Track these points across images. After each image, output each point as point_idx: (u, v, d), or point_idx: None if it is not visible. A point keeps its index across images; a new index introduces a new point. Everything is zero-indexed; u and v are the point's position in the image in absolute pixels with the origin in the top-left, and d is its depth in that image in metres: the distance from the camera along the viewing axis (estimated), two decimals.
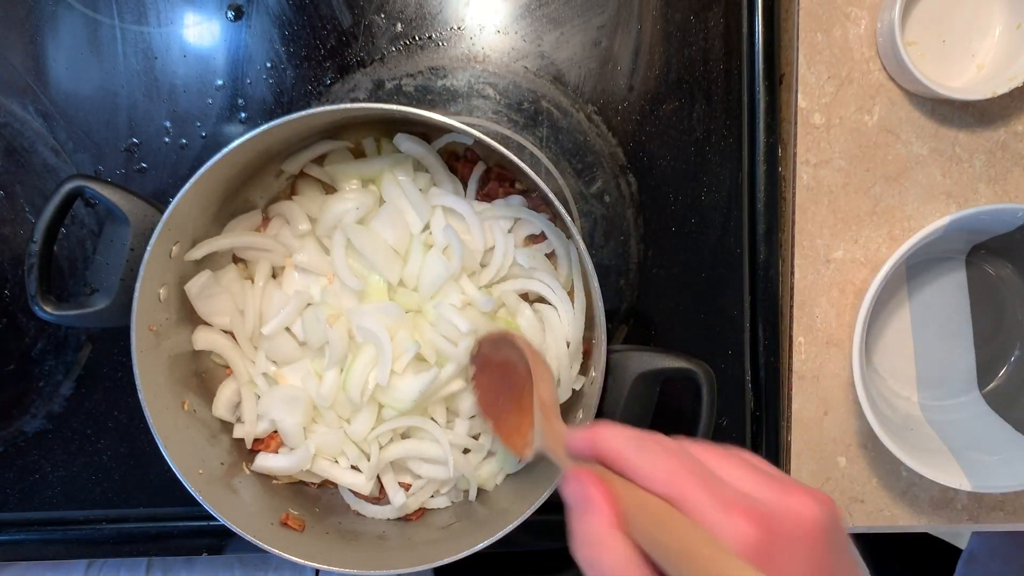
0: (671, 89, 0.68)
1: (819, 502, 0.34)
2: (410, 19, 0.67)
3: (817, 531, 0.34)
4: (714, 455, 0.37)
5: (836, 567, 0.34)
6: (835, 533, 0.35)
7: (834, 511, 0.35)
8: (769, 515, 0.33)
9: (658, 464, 0.35)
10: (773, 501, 0.34)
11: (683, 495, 0.34)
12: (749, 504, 0.33)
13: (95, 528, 0.70)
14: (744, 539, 0.32)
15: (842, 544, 0.35)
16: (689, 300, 0.69)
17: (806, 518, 0.34)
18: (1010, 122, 0.68)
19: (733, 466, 0.36)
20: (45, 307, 0.55)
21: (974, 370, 0.71)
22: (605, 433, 0.38)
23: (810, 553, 0.33)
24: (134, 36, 0.67)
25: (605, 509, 0.35)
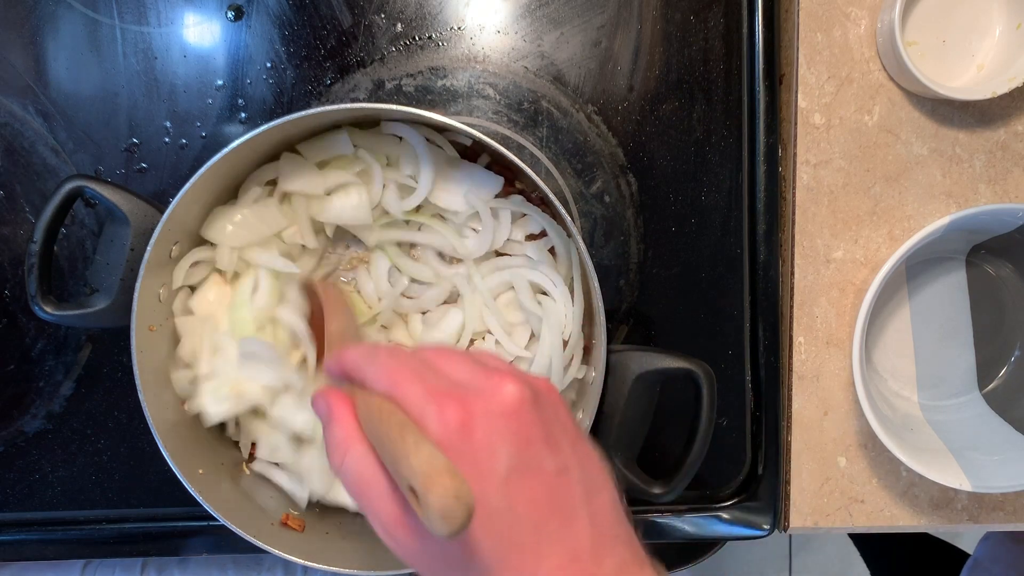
0: (671, 89, 0.68)
1: (518, 382, 0.38)
2: (410, 19, 0.67)
3: (513, 405, 0.37)
4: (439, 354, 0.41)
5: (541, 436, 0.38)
6: (538, 407, 0.38)
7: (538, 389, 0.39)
8: (469, 397, 0.37)
9: (382, 367, 0.39)
10: (478, 384, 0.38)
11: (399, 391, 0.38)
12: (453, 390, 0.38)
13: (95, 528, 0.70)
14: (445, 419, 0.36)
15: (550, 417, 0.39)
16: (689, 300, 0.69)
17: (503, 394, 0.38)
18: (1010, 122, 0.68)
19: (453, 361, 0.40)
20: (45, 307, 0.55)
21: (974, 370, 0.71)
22: (347, 350, 0.43)
23: (506, 424, 0.37)
24: (134, 36, 0.67)
25: (344, 417, 0.40)
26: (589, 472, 0.39)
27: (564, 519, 0.37)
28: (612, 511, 0.39)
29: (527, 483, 0.37)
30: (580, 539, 0.37)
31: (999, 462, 0.66)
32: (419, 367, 0.39)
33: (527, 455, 0.37)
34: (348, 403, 0.41)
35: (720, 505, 0.70)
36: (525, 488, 0.37)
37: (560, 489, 0.38)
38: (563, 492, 0.38)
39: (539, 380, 0.41)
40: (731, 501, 0.70)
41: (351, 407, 0.40)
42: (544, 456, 0.38)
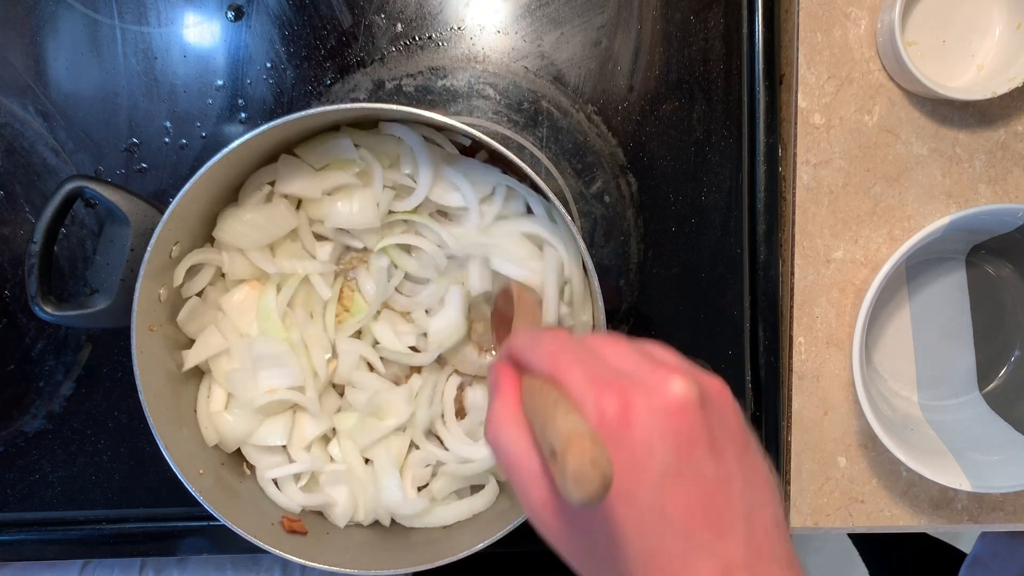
0: (671, 89, 0.68)
1: (686, 378, 0.36)
2: (410, 19, 0.67)
3: (678, 403, 0.35)
4: (605, 342, 0.39)
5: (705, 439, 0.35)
6: (705, 408, 0.36)
7: (707, 389, 0.37)
8: (631, 387, 0.35)
9: (546, 351, 0.39)
10: (642, 377, 0.36)
11: (560, 373, 0.37)
12: (616, 380, 0.36)
13: (95, 528, 0.70)
14: (603, 408, 0.35)
15: (717, 421, 0.36)
16: (689, 300, 0.69)
17: (669, 390, 0.35)
18: (1010, 122, 0.68)
19: (619, 351, 0.38)
20: (45, 308, 0.55)
21: (974, 370, 0.71)
22: (515, 337, 0.43)
23: (668, 422, 0.35)
24: (134, 36, 0.67)
25: (507, 394, 0.39)
26: (753, 485, 0.37)
27: (719, 531, 0.35)
28: (774, 530, 0.37)
29: (683, 487, 0.35)
30: (734, 554, 0.35)
31: (999, 462, 0.66)
32: (583, 353, 0.38)
33: (687, 458, 0.35)
34: (515, 381, 0.40)
35: None
36: (680, 492, 0.35)
37: (718, 498, 0.35)
38: (721, 502, 0.35)
39: (711, 379, 0.38)
40: None
41: (517, 386, 0.40)
42: (705, 461, 0.35)
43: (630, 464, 0.34)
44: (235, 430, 0.60)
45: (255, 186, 0.60)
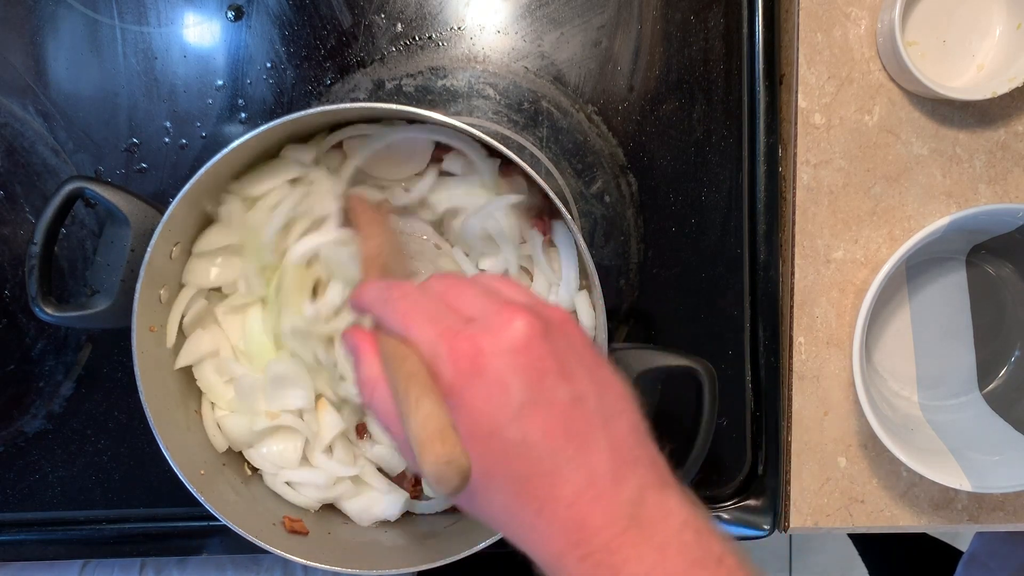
0: (671, 89, 0.68)
1: (528, 314, 0.38)
2: (410, 19, 0.67)
3: (523, 340, 0.38)
4: (451, 287, 0.42)
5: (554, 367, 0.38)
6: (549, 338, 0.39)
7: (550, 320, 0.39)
8: (479, 333, 0.38)
9: (396, 309, 0.41)
10: (489, 319, 0.39)
11: (411, 334, 0.39)
12: (464, 329, 0.38)
13: (95, 528, 0.70)
14: (456, 359, 0.37)
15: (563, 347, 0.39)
16: (689, 300, 0.69)
17: (513, 329, 0.38)
18: (1010, 122, 0.68)
19: (465, 295, 0.41)
20: (46, 309, 0.55)
21: (974, 370, 0.71)
22: (364, 288, 0.44)
23: (516, 359, 0.37)
24: (134, 36, 0.67)
25: (367, 357, 0.41)
26: (607, 398, 0.40)
27: (580, 445, 0.38)
28: (632, 434, 0.40)
29: (540, 414, 0.37)
30: (598, 463, 0.38)
31: (999, 462, 0.66)
32: (431, 306, 0.40)
33: (539, 387, 0.38)
34: (371, 341, 0.42)
35: (720, 505, 0.70)
36: (538, 419, 0.37)
37: (575, 417, 0.38)
38: (578, 420, 0.38)
39: (552, 309, 0.41)
40: (731, 501, 0.70)
41: (375, 346, 0.41)
42: (557, 387, 0.38)
43: (489, 404, 0.37)
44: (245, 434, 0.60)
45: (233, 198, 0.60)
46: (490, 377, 0.37)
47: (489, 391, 0.37)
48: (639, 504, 0.38)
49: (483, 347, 0.38)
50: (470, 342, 0.38)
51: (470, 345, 0.38)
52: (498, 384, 0.37)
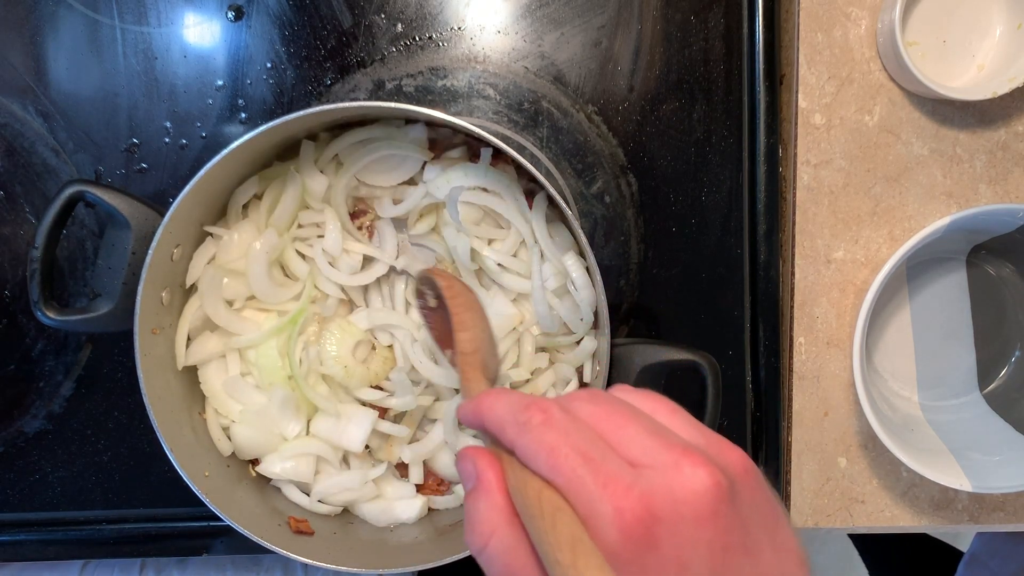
0: (671, 89, 0.68)
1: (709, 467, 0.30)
2: (410, 19, 0.67)
3: (708, 506, 0.30)
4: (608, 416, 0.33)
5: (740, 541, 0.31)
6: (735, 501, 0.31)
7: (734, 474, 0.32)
8: (651, 491, 0.30)
9: (540, 441, 0.32)
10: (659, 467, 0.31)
11: (562, 478, 0.31)
12: (633, 484, 0.30)
13: (95, 529, 0.70)
14: (624, 524, 0.29)
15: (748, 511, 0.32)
16: (690, 300, 0.69)
17: (695, 488, 0.30)
18: (1011, 122, 0.68)
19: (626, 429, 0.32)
20: (48, 313, 0.55)
21: (975, 370, 0.71)
22: (488, 403, 0.35)
23: (699, 532, 0.30)
24: (134, 36, 0.67)
25: (492, 491, 0.33)
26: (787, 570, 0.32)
27: None
28: None
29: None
30: None
31: (999, 462, 0.66)
32: (584, 441, 0.32)
33: (722, 568, 0.30)
34: (498, 471, 0.34)
35: None
36: None
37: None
38: None
39: (733, 455, 0.33)
40: None
41: (501, 477, 0.33)
42: (743, 567, 0.31)
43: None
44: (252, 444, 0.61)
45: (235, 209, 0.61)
46: (667, 552, 0.29)
47: (665, 569, 0.30)
48: None
49: (659, 513, 0.30)
50: (641, 502, 0.30)
51: (642, 506, 0.29)
52: (676, 562, 0.30)
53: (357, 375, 0.60)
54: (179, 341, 0.59)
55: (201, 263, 0.59)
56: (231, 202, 0.60)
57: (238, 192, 0.60)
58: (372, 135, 0.60)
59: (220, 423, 0.61)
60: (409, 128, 0.60)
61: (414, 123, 0.60)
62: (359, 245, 0.61)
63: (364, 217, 0.63)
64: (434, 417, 0.64)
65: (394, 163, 0.61)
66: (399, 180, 0.61)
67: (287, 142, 0.61)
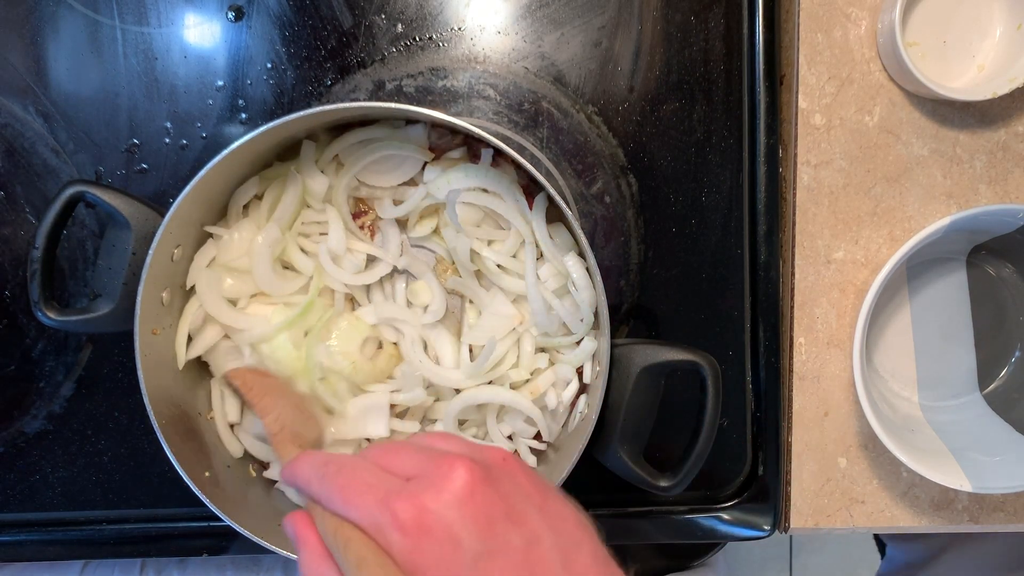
0: (671, 90, 0.68)
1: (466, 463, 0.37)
2: (411, 20, 0.67)
3: (465, 490, 0.36)
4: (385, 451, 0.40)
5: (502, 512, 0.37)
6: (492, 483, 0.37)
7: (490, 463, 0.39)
8: (420, 491, 0.37)
9: (333, 485, 0.39)
10: (427, 475, 0.37)
11: (351, 511, 0.37)
12: (403, 491, 0.37)
13: (95, 529, 0.70)
14: (401, 524, 0.36)
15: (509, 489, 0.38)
16: (690, 300, 0.69)
17: (453, 481, 0.37)
18: (1011, 123, 0.68)
19: (400, 455, 0.39)
20: (48, 313, 0.55)
21: (975, 371, 0.71)
22: (296, 466, 0.42)
23: (462, 511, 0.36)
24: (135, 37, 0.67)
25: (308, 543, 0.39)
26: (562, 533, 0.39)
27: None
28: (593, 566, 0.39)
29: (497, 563, 0.36)
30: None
31: (999, 463, 0.66)
32: (368, 475, 0.38)
33: (491, 535, 0.36)
34: (309, 525, 0.40)
35: (721, 505, 0.70)
36: (497, 569, 0.36)
37: (533, 560, 0.37)
38: (537, 563, 0.37)
39: (490, 451, 0.40)
40: (732, 502, 0.70)
41: (312, 529, 0.40)
42: (510, 532, 0.37)
43: (443, 562, 0.36)
44: None
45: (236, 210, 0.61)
46: (439, 534, 0.36)
47: (441, 549, 0.36)
48: None
49: (426, 504, 0.36)
50: (411, 502, 0.36)
51: (412, 505, 0.36)
52: (449, 540, 0.36)
53: (364, 371, 0.60)
54: (179, 340, 0.59)
55: (202, 265, 0.59)
56: (232, 202, 0.60)
57: (239, 192, 0.60)
58: (372, 135, 0.60)
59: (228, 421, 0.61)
60: (409, 128, 0.60)
61: (414, 123, 0.60)
62: (363, 244, 0.61)
63: (365, 217, 0.63)
64: (434, 417, 0.64)
65: (394, 163, 0.61)
66: (399, 180, 0.61)
67: (287, 142, 0.61)
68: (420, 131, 0.60)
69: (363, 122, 0.61)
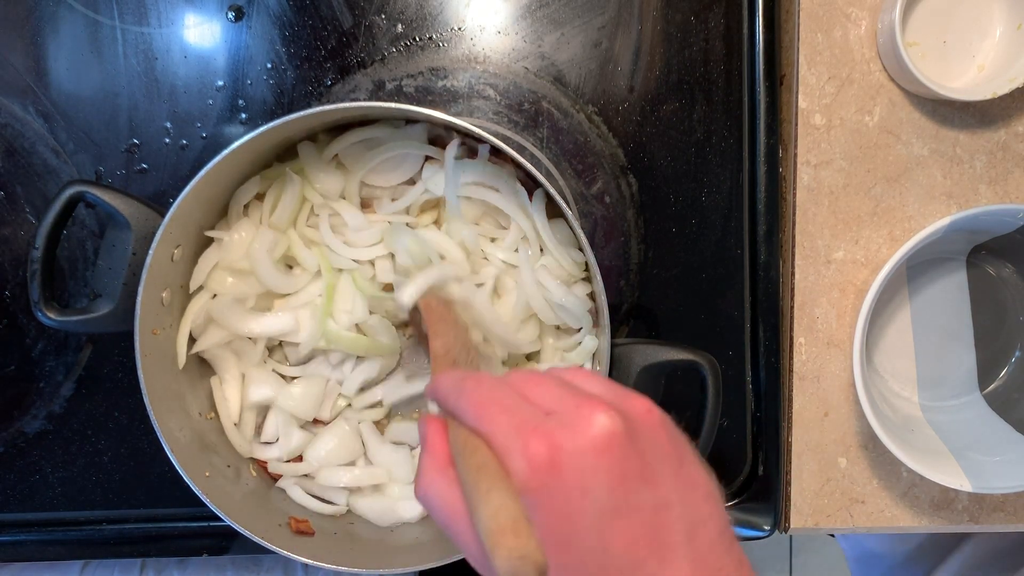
0: (671, 90, 0.68)
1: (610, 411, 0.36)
2: (411, 20, 0.67)
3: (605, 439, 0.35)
4: (528, 379, 0.39)
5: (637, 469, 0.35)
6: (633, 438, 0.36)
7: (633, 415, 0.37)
8: (557, 430, 0.35)
9: (469, 400, 0.38)
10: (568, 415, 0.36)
11: (484, 425, 0.37)
12: (541, 424, 0.36)
13: (95, 529, 0.70)
14: (531, 457, 0.34)
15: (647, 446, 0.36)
16: (690, 301, 0.69)
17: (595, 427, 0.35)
18: (1011, 123, 0.68)
19: (543, 387, 0.38)
20: (48, 313, 0.55)
21: (975, 371, 0.71)
22: (440, 378, 0.42)
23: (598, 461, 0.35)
24: (135, 37, 0.67)
25: (435, 447, 0.39)
26: (692, 503, 0.37)
27: (663, 558, 0.35)
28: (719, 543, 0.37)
29: (622, 523, 0.35)
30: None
31: (999, 463, 0.66)
32: (507, 398, 0.38)
33: (622, 493, 0.35)
34: (442, 432, 0.40)
35: None
36: (620, 528, 0.35)
37: (659, 526, 0.35)
38: (662, 529, 0.35)
39: (635, 402, 0.38)
40: (732, 501, 0.70)
41: (443, 437, 0.40)
42: (641, 492, 0.35)
43: (567, 509, 0.34)
44: None
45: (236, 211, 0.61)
46: (569, 479, 0.34)
47: (568, 494, 0.34)
48: None
49: (562, 444, 0.35)
50: (548, 438, 0.35)
51: (548, 442, 0.35)
52: (576, 487, 0.34)
53: None
54: (180, 340, 0.59)
55: (206, 268, 0.59)
56: (232, 202, 0.60)
57: (239, 192, 0.60)
58: (372, 135, 0.60)
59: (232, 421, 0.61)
60: (409, 128, 0.60)
61: (414, 123, 0.60)
62: (376, 216, 0.62)
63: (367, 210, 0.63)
64: None
65: (394, 163, 0.61)
66: (399, 180, 0.61)
67: (287, 143, 0.61)
68: (421, 131, 0.60)
69: (363, 122, 0.61)
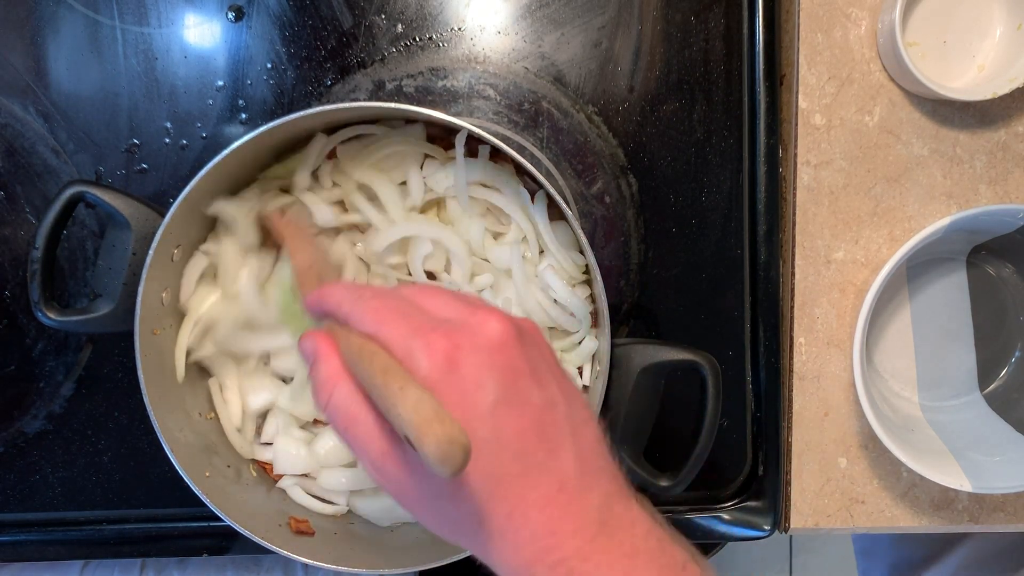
0: (671, 90, 0.68)
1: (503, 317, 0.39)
2: (411, 20, 0.67)
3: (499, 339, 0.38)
4: (423, 291, 0.42)
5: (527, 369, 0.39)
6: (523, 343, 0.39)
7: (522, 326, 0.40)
8: (455, 331, 0.38)
9: (366, 308, 0.40)
10: (463, 320, 0.39)
11: (384, 330, 0.38)
12: (439, 326, 0.38)
13: (95, 529, 0.70)
14: (432, 354, 0.37)
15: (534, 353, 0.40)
16: (690, 301, 0.69)
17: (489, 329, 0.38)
18: (1011, 123, 0.68)
19: (438, 298, 0.41)
20: (48, 313, 0.55)
21: (975, 371, 0.71)
22: (330, 289, 0.44)
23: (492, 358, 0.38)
24: (135, 37, 0.67)
25: (329, 356, 0.40)
26: (574, 407, 0.40)
27: (550, 450, 0.38)
28: (597, 444, 0.40)
29: (514, 414, 0.38)
30: (566, 469, 0.38)
31: (1000, 463, 0.66)
32: (403, 306, 0.40)
33: (514, 387, 0.38)
34: (333, 342, 0.41)
35: (721, 506, 0.70)
36: (512, 419, 0.38)
37: (546, 421, 0.39)
38: (549, 424, 0.39)
39: (523, 319, 0.41)
40: (732, 502, 0.70)
41: (335, 346, 0.41)
42: (531, 389, 0.39)
43: (464, 401, 0.37)
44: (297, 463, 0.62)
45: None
46: (466, 374, 0.37)
47: (464, 387, 0.37)
48: (606, 511, 0.38)
49: (459, 344, 0.37)
50: (446, 338, 0.38)
51: (446, 341, 0.37)
52: (474, 381, 0.37)
53: None
54: (179, 355, 0.59)
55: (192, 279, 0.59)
56: None
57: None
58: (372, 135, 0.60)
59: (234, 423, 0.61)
60: (409, 128, 0.60)
61: (414, 123, 0.60)
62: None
63: None
64: None
65: (394, 163, 0.61)
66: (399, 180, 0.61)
67: (287, 143, 0.61)
68: (420, 131, 0.60)
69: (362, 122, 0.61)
